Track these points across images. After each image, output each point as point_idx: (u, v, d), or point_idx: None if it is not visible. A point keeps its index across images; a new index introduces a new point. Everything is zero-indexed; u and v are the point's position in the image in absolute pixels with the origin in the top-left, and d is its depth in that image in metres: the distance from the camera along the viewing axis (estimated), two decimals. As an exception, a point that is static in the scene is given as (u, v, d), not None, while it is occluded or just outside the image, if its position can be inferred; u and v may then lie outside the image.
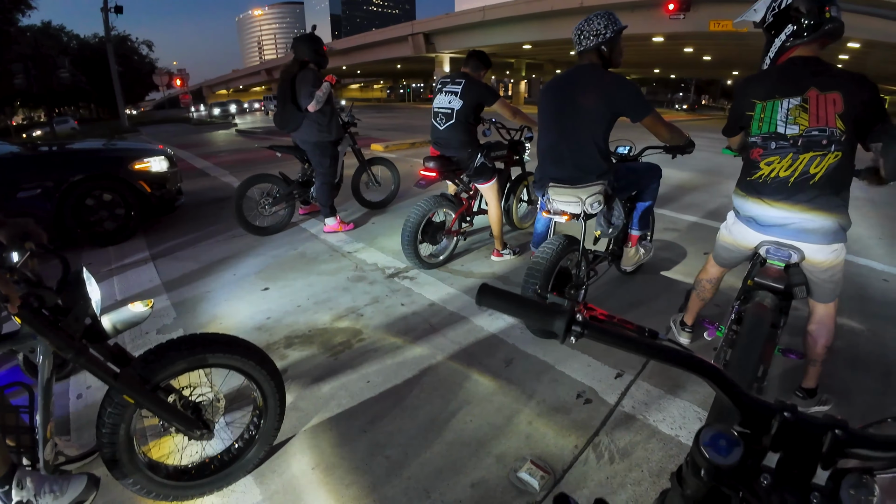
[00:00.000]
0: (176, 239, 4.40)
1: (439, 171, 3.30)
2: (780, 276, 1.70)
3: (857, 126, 1.55)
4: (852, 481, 0.48)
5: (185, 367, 1.47)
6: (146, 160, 4.44)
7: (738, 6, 14.35)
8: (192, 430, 1.54)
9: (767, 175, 1.68)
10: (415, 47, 31.37)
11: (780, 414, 0.53)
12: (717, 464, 0.51)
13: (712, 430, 0.54)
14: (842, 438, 0.50)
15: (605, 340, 0.64)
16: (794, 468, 0.52)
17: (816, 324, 1.90)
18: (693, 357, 0.61)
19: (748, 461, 0.52)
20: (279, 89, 4.12)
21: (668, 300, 3.03)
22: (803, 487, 0.51)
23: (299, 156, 4.49)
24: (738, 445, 0.52)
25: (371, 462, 1.77)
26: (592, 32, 2.32)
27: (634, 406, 2.08)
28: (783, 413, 0.53)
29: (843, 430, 0.51)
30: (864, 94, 1.53)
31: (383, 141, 11.47)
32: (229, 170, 8.29)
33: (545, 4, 22.88)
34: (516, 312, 0.71)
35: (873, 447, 0.51)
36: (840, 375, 2.32)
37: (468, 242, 4.09)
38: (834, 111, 1.53)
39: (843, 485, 0.48)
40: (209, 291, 3.22)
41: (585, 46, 2.34)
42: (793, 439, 0.53)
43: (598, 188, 2.35)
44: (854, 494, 0.47)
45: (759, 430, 0.55)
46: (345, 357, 2.44)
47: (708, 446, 0.52)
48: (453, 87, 3.31)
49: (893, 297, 3.33)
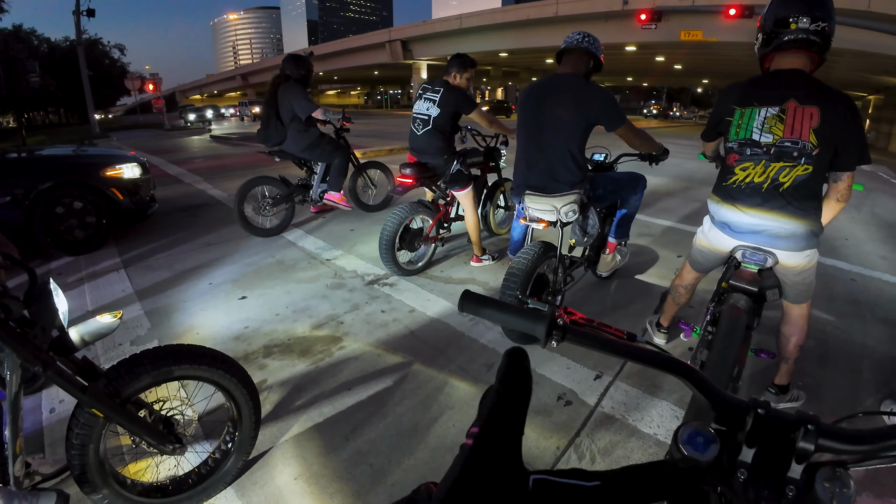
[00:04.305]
0: (149, 247, 4.29)
1: (416, 178, 3.31)
2: (754, 279, 1.75)
3: (830, 143, 1.56)
4: (826, 474, 0.49)
5: (150, 382, 1.43)
6: (118, 167, 4.34)
7: (708, 17, 14.89)
8: (164, 445, 1.50)
9: (742, 180, 1.72)
10: (392, 54, 31.41)
11: (753, 410, 0.55)
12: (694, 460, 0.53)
13: (690, 428, 0.55)
14: (813, 433, 0.52)
15: (585, 343, 0.66)
16: (768, 463, 0.54)
17: (789, 324, 1.96)
18: (670, 358, 0.63)
19: (724, 457, 0.53)
20: (264, 103, 4.27)
21: (643, 303, 3.10)
22: (778, 481, 0.52)
23: (296, 160, 4.56)
24: (714, 442, 0.53)
25: (355, 470, 1.76)
26: (596, 44, 2.43)
27: (614, 406, 2.12)
28: (756, 410, 0.55)
29: (815, 424, 0.53)
30: (841, 113, 1.55)
31: (361, 147, 11.43)
32: (204, 176, 8.13)
33: (521, 13, 23.24)
34: (498, 318, 0.72)
35: (844, 441, 0.53)
36: (811, 372, 2.41)
37: (447, 249, 4.10)
38: (809, 125, 1.55)
39: (818, 478, 0.49)
40: (184, 301, 3.15)
41: (587, 47, 2.40)
42: (766, 435, 0.54)
43: (573, 197, 2.39)
44: (828, 487, 0.48)
45: (734, 426, 0.56)
46: (325, 365, 2.41)
47: (686, 444, 0.53)
48: (432, 95, 3.34)
49: (861, 295, 3.48)
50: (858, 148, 1.59)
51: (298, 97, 4.15)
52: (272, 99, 4.21)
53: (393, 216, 3.27)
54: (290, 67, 4.26)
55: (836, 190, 1.71)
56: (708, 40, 16.58)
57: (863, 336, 2.86)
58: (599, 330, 0.70)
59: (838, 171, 1.66)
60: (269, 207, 4.44)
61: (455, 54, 3.44)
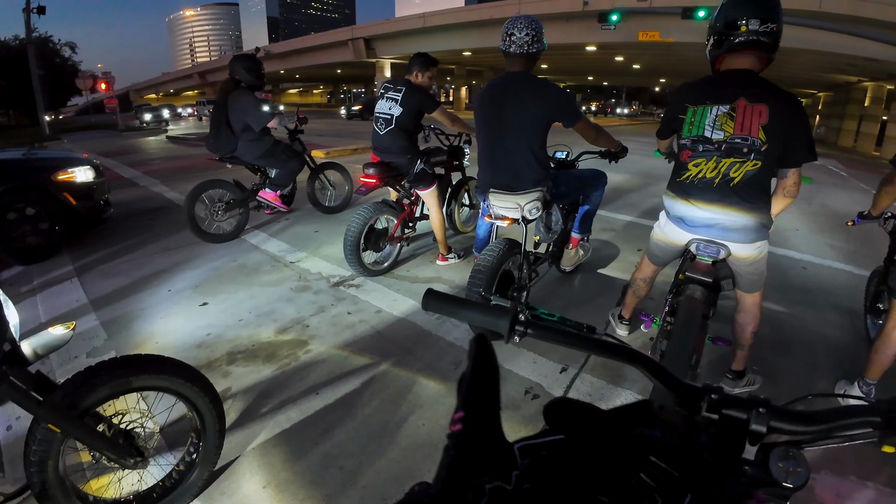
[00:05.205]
0: (104, 253, 4.10)
1: (379, 178, 3.29)
2: (708, 271, 1.82)
3: (778, 140, 1.63)
4: (780, 454, 0.52)
5: (108, 394, 1.38)
6: (70, 170, 4.15)
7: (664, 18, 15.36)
8: (125, 459, 1.46)
9: (695, 176, 1.78)
10: (355, 52, 31.04)
11: (707, 395, 0.57)
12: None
13: None
14: (765, 415, 0.55)
15: (547, 338, 0.68)
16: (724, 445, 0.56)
17: (744, 312, 2.05)
18: (629, 349, 0.66)
19: None
20: (214, 111, 4.09)
21: (606, 296, 3.19)
22: (735, 462, 0.55)
23: (249, 166, 4.42)
24: None
25: (325, 475, 1.74)
26: (539, 38, 2.36)
27: (580, 398, 2.16)
28: (711, 395, 0.57)
29: (766, 407, 0.55)
30: (789, 112, 1.62)
31: (324, 147, 11.27)
32: (160, 179, 7.83)
33: (484, 13, 23.39)
34: (462, 315, 0.73)
35: (795, 422, 0.55)
36: (767, 358, 2.54)
37: (412, 248, 4.10)
38: (758, 122, 1.61)
39: (772, 458, 0.52)
40: (143, 309, 3.03)
41: (537, 49, 2.37)
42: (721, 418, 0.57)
43: (537, 195, 2.43)
44: (782, 466, 0.51)
45: (692, 411, 0.59)
46: (291, 370, 2.37)
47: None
48: (394, 94, 3.33)
49: (812, 283, 3.70)
50: (805, 146, 1.67)
51: (252, 108, 4.01)
52: (222, 106, 4.02)
53: (357, 217, 3.24)
54: (239, 71, 4.05)
55: (783, 186, 1.80)
56: (665, 41, 17.13)
57: (815, 322, 3.03)
58: (561, 324, 0.73)
59: (785, 167, 1.75)
60: (221, 212, 4.27)
61: (416, 53, 3.44)
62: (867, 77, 22.78)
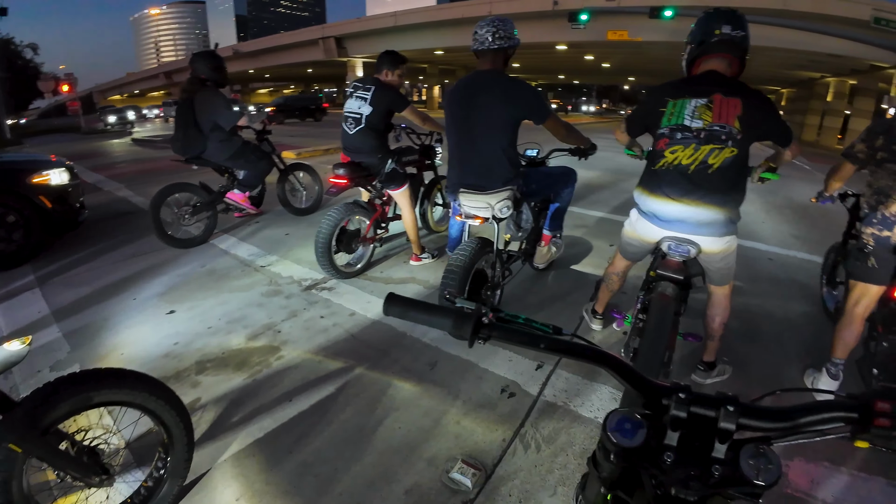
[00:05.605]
0: (66, 262, 3.92)
1: (350, 178, 3.24)
2: (679, 268, 1.87)
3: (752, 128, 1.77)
4: (750, 451, 0.52)
5: (69, 410, 1.33)
6: (45, 173, 4.04)
7: (633, 17, 15.65)
8: (90, 477, 1.40)
9: (671, 163, 1.84)
10: (326, 51, 30.61)
11: (675, 394, 0.57)
12: (623, 446, 0.55)
13: (618, 415, 0.57)
14: (733, 413, 0.54)
15: (511, 340, 0.67)
16: (694, 443, 0.56)
17: (714, 305, 2.13)
18: (596, 350, 0.65)
19: (652, 441, 0.55)
20: (178, 112, 3.96)
21: (580, 292, 3.22)
22: (705, 461, 0.54)
23: (217, 167, 4.30)
24: (641, 427, 0.55)
25: (300, 483, 1.71)
26: (507, 34, 2.39)
27: (556, 394, 2.19)
28: (678, 394, 0.57)
29: (734, 404, 0.55)
30: (759, 104, 1.80)
31: (295, 148, 11.08)
32: (125, 183, 7.57)
33: (456, 12, 23.38)
34: (424, 320, 0.72)
35: (763, 418, 0.55)
36: (737, 349, 2.61)
37: (386, 249, 4.06)
38: (734, 113, 1.74)
39: (742, 455, 0.52)
40: (107, 319, 2.92)
41: (499, 45, 2.39)
42: (690, 417, 0.56)
43: (507, 193, 2.43)
44: (753, 464, 0.51)
45: (660, 411, 0.58)
46: (263, 377, 2.32)
47: (614, 430, 0.56)
48: (363, 93, 3.29)
49: (779, 273, 3.82)
50: (783, 129, 1.88)
51: (220, 107, 3.91)
52: (188, 107, 3.90)
53: (328, 218, 3.19)
54: (203, 70, 3.94)
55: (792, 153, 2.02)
56: (633, 39, 17.45)
57: (782, 311, 3.13)
58: (527, 326, 0.71)
59: (782, 146, 1.97)
60: (188, 216, 4.15)
61: (385, 51, 3.40)
62: (830, 73, 23.63)
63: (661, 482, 0.55)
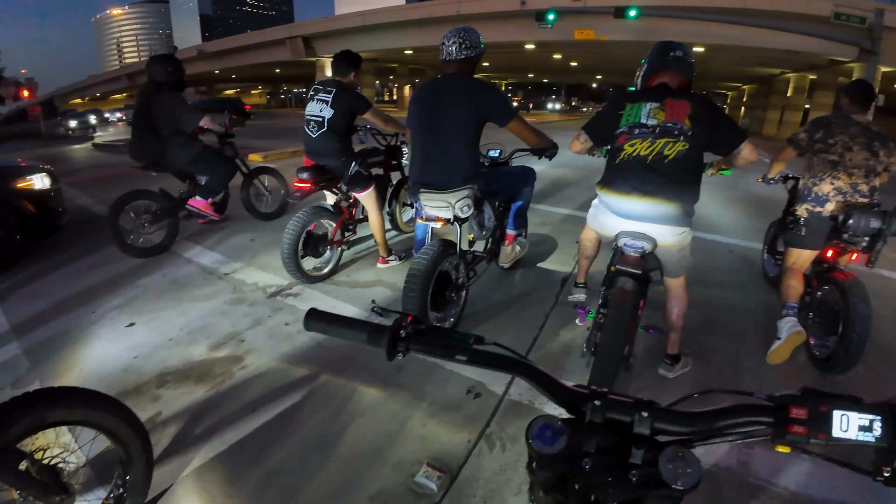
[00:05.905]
0: (24, 274, 3.74)
1: (314, 182, 3.20)
2: (637, 263, 1.94)
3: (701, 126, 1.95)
4: (669, 455, 0.52)
5: (24, 429, 1.29)
6: (28, 178, 4.02)
7: (599, 17, 15.92)
8: (49, 497, 1.36)
9: (630, 154, 1.98)
10: (294, 51, 30.09)
11: (591, 401, 0.58)
12: (542, 453, 0.55)
13: (540, 422, 0.57)
14: (648, 418, 0.55)
15: (430, 353, 0.67)
16: (611, 449, 0.56)
17: (672, 297, 2.23)
18: (511, 359, 0.66)
19: (574, 447, 0.56)
20: (135, 117, 3.88)
21: (547, 289, 3.27)
22: (622, 466, 0.54)
23: (177, 173, 4.21)
24: (562, 434, 0.56)
25: (264, 495, 1.69)
26: (473, 44, 2.48)
27: (521, 393, 2.22)
28: (594, 400, 0.58)
29: (649, 410, 0.56)
30: (705, 106, 2.00)
31: (262, 150, 10.87)
32: (84, 190, 7.29)
33: (424, 11, 23.32)
34: (343, 334, 0.72)
35: (677, 423, 0.56)
36: (699, 339, 2.70)
37: (353, 251, 4.04)
38: (684, 112, 1.95)
39: (661, 459, 0.52)
40: (66, 333, 2.81)
41: (466, 56, 2.47)
42: (606, 423, 0.57)
43: (467, 192, 2.46)
44: (671, 468, 0.51)
45: (581, 416, 0.59)
46: (226, 388, 2.28)
47: (535, 438, 0.56)
48: (324, 96, 3.26)
49: (738, 264, 3.97)
50: (733, 128, 2.06)
51: (180, 109, 3.82)
52: (145, 111, 3.80)
53: (293, 222, 3.15)
54: (160, 73, 3.83)
55: (744, 157, 2.12)
56: (599, 39, 17.73)
57: (741, 300, 3.26)
58: (447, 337, 0.72)
59: (734, 147, 2.07)
60: (148, 224, 4.02)
61: (341, 52, 3.39)
62: (790, 69, 24.42)
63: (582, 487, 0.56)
